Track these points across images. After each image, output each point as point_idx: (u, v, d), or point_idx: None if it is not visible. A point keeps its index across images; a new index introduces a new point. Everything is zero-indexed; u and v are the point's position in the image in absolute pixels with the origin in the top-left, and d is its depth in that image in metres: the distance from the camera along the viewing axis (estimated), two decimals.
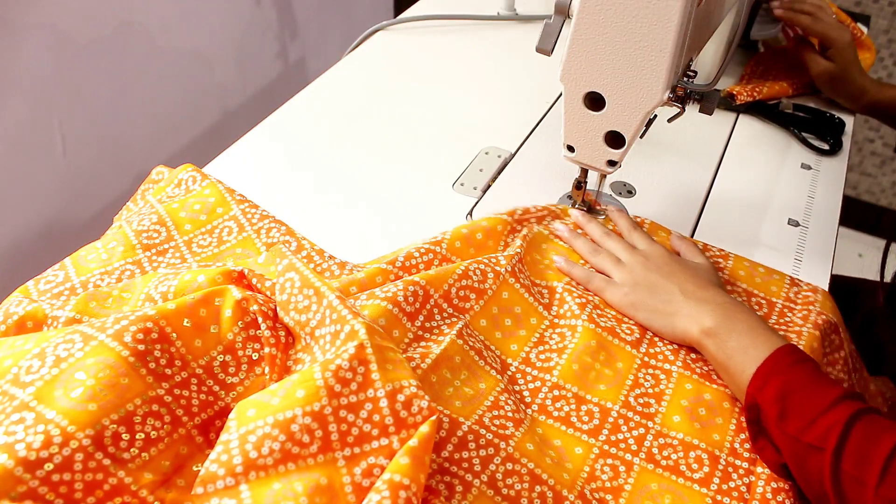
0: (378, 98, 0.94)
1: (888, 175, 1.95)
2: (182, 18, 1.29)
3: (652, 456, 0.56)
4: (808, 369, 0.55)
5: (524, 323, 0.63)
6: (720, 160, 0.88)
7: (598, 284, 0.67)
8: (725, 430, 0.58)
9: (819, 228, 0.79)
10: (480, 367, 0.58)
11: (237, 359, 0.52)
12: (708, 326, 0.60)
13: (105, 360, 0.46)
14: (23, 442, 0.41)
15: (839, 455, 0.49)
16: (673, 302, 0.63)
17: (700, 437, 0.57)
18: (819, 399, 0.52)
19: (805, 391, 0.53)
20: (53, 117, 1.13)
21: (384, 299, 0.57)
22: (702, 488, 0.54)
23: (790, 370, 0.55)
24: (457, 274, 0.61)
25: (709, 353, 0.60)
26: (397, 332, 0.57)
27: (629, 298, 0.65)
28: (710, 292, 0.62)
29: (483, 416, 0.54)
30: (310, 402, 0.44)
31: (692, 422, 0.58)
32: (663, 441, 0.57)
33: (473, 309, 0.62)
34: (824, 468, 0.50)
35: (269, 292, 0.56)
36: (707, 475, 0.55)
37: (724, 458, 0.56)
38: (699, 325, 0.60)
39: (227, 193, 0.69)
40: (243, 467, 0.42)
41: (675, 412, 0.59)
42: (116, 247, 0.63)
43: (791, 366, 0.55)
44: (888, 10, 1.71)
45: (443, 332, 0.59)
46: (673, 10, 0.55)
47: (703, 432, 0.57)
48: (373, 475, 0.44)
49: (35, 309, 0.54)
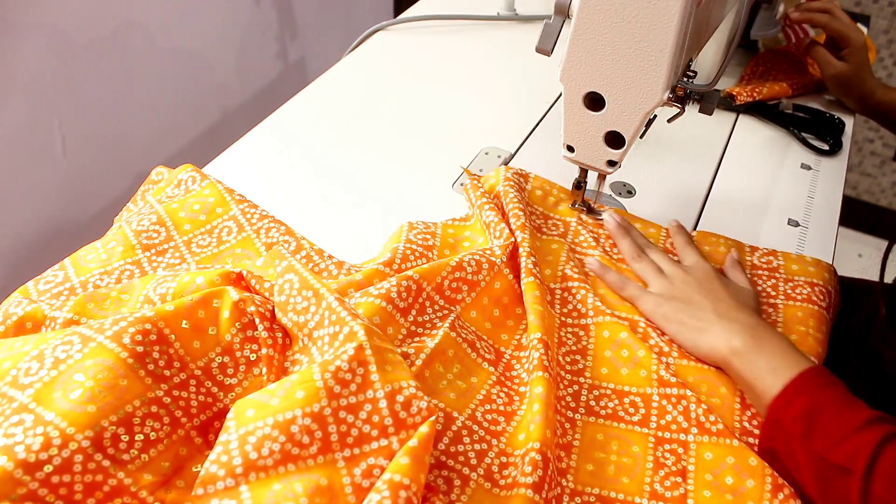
0: (378, 98, 0.94)
1: (888, 175, 1.95)
2: (182, 18, 1.29)
3: (591, 409, 0.58)
4: (838, 391, 0.54)
5: (511, 312, 0.64)
6: (720, 160, 0.88)
7: (633, 292, 0.66)
8: (649, 365, 0.60)
9: (819, 228, 0.79)
10: (472, 359, 0.58)
11: (235, 360, 0.52)
12: (736, 346, 0.58)
13: (104, 361, 0.46)
14: (22, 444, 0.41)
15: (870, 477, 0.48)
16: (703, 319, 0.62)
17: (629, 382, 0.59)
18: (848, 419, 0.51)
19: (834, 410, 0.52)
20: (53, 117, 1.13)
21: (378, 297, 0.57)
22: (642, 429, 0.57)
23: (819, 390, 0.54)
24: (450, 266, 0.62)
25: (735, 372, 0.59)
26: (391, 329, 0.57)
27: (662, 310, 0.64)
28: (743, 314, 0.61)
29: (475, 411, 0.54)
30: (309, 403, 0.44)
31: (619, 369, 0.60)
32: (598, 392, 0.59)
33: (465, 300, 0.62)
34: (852, 491, 0.49)
35: (268, 293, 0.56)
36: (644, 416, 0.58)
37: (655, 394, 0.59)
38: (728, 344, 0.59)
39: (226, 193, 0.69)
40: (243, 468, 0.42)
41: (602, 364, 0.61)
42: (116, 247, 0.63)
43: (820, 387, 0.54)
44: (888, 10, 1.71)
45: (435, 326, 0.59)
46: (673, 10, 0.55)
47: (631, 376, 0.60)
48: (372, 476, 0.44)
49: (34, 310, 0.54)
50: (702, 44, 0.70)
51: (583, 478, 0.54)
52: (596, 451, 0.56)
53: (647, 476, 0.54)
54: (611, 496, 0.53)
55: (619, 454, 0.55)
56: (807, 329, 0.65)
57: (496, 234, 0.67)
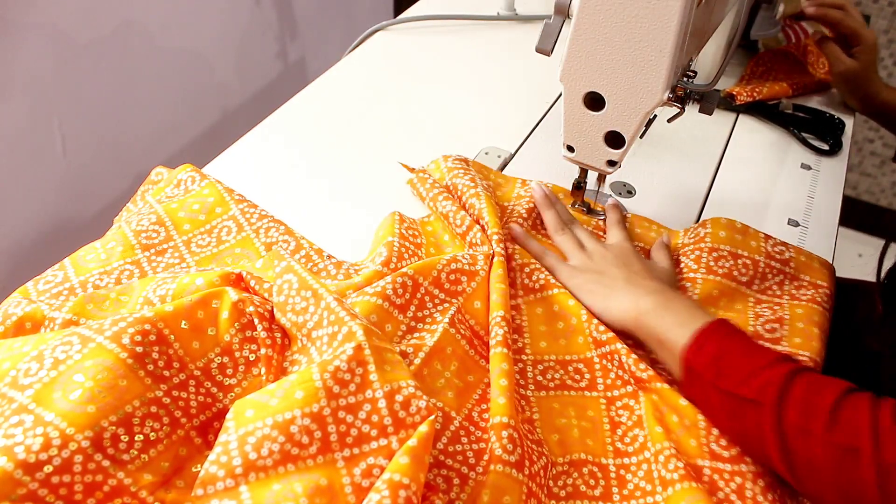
0: (378, 98, 0.94)
1: (888, 175, 1.95)
2: (182, 18, 1.29)
3: (539, 383, 0.59)
4: (745, 338, 0.56)
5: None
6: (720, 160, 0.88)
7: (551, 262, 0.68)
8: (583, 330, 0.62)
9: (819, 228, 0.79)
10: (470, 356, 0.58)
11: (234, 360, 0.52)
12: (644, 306, 0.60)
13: (103, 362, 0.46)
14: (22, 444, 0.41)
15: (782, 407, 0.50)
16: (614, 286, 0.64)
17: (569, 351, 0.62)
18: (756, 359, 0.53)
19: (741, 352, 0.54)
20: (53, 117, 1.13)
21: (374, 295, 0.57)
22: (591, 393, 0.59)
23: (726, 338, 0.55)
24: (445, 260, 0.62)
25: (645, 331, 0.60)
26: (390, 326, 0.57)
27: (576, 280, 0.66)
28: (655, 283, 0.63)
29: (472, 411, 0.55)
30: (308, 403, 0.44)
31: (557, 340, 0.62)
32: (542, 367, 0.60)
33: (466, 291, 0.62)
34: (764, 421, 0.50)
35: (267, 294, 0.56)
36: (590, 380, 0.60)
37: (595, 356, 0.61)
38: (636, 305, 0.61)
39: (225, 193, 0.69)
40: (243, 468, 0.42)
41: (540, 339, 0.62)
42: (115, 247, 0.63)
43: (727, 335, 0.56)
44: (888, 10, 1.71)
45: (435, 321, 0.59)
46: (673, 10, 0.55)
47: (569, 345, 0.61)
48: (372, 475, 0.44)
49: (34, 310, 0.54)
50: (702, 44, 0.70)
51: (552, 448, 0.55)
52: (556, 418, 0.57)
53: (608, 437, 0.57)
54: (581, 458, 0.55)
55: (577, 418, 0.57)
56: (809, 329, 0.65)
57: (457, 222, 0.68)
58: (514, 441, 0.49)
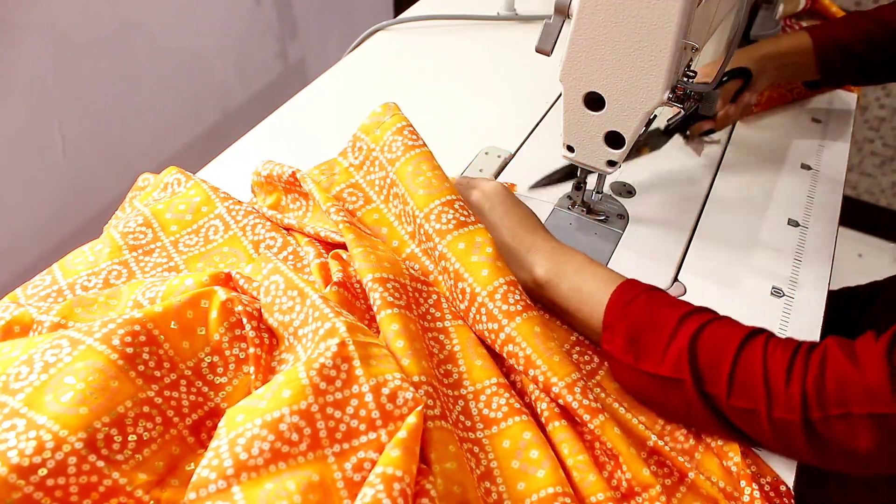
0: (378, 98, 0.93)
1: (888, 175, 1.95)
2: (182, 18, 1.29)
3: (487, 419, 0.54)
4: (644, 301, 0.55)
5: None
6: (720, 160, 0.88)
7: None
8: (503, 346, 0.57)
9: (819, 228, 0.79)
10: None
11: (224, 359, 0.52)
12: (540, 275, 0.61)
13: (94, 363, 0.45)
14: (15, 449, 0.41)
15: (699, 379, 0.51)
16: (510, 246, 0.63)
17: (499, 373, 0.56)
18: (662, 330, 0.53)
19: (648, 326, 0.54)
20: (53, 117, 1.13)
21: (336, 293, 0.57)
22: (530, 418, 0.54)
23: (628, 310, 0.55)
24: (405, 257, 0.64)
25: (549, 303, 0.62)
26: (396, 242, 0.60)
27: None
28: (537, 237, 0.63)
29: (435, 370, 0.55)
30: (296, 400, 0.44)
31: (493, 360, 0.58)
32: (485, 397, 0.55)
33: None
34: (691, 397, 0.51)
35: (255, 293, 0.56)
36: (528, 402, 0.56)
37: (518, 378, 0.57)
38: (531, 276, 0.61)
39: (211, 192, 0.68)
40: (234, 469, 0.42)
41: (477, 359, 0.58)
42: (103, 249, 0.63)
43: (628, 304, 0.56)
44: None
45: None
46: (673, 10, 0.55)
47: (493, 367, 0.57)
48: (363, 469, 0.45)
49: (22, 313, 0.53)
50: (702, 44, 0.70)
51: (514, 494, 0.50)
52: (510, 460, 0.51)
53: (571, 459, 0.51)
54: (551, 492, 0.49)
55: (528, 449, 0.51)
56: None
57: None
58: (431, 396, 0.49)
